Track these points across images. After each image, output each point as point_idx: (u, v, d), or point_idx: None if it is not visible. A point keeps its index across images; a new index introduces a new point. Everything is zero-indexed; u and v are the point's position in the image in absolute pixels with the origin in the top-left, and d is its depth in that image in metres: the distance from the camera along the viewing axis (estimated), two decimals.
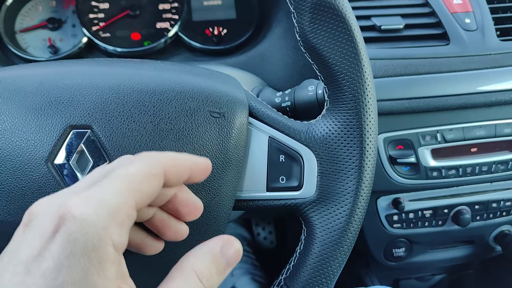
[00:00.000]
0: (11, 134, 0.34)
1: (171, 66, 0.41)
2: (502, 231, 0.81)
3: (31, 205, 0.34)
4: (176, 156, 0.31)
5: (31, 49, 0.75)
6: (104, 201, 0.25)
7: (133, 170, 0.27)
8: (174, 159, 0.30)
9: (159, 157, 0.29)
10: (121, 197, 0.25)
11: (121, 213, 0.25)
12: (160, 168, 0.28)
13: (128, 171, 0.27)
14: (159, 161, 0.29)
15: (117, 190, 0.26)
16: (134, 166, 0.27)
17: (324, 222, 0.39)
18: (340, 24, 0.37)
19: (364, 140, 0.39)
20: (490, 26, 0.69)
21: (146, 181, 0.27)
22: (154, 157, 0.29)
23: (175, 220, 0.33)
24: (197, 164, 0.32)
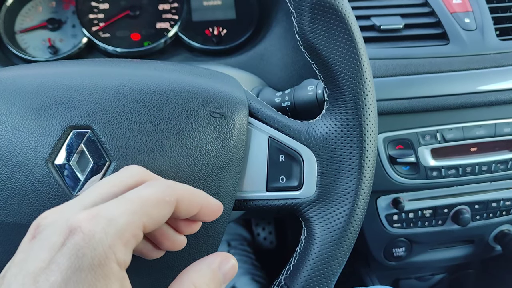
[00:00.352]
0: (11, 135, 0.34)
1: (171, 66, 0.41)
2: (502, 231, 0.81)
3: (31, 206, 0.34)
4: (191, 189, 0.32)
5: (31, 49, 0.75)
6: (113, 219, 0.25)
7: (147, 194, 0.28)
8: (188, 192, 0.31)
9: (174, 186, 0.30)
10: (129, 218, 0.26)
11: (127, 232, 0.26)
12: (173, 197, 0.29)
13: (141, 194, 0.28)
14: (173, 190, 0.29)
15: (127, 210, 0.26)
16: (148, 190, 0.28)
17: (324, 222, 0.39)
18: (340, 24, 0.38)
19: (364, 140, 0.39)
20: (490, 25, 0.69)
21: (157, 207, 0.28)
22: (170, 185, 0.30)
23: (173, 231, 0.33)
24: (209, 204, 0.33)
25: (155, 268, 0.37)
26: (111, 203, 0.27)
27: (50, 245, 0.25)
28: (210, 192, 0.37)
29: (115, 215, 0.26)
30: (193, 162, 0.37)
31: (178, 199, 0.29)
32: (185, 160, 0.36)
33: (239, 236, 1.17)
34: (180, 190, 0.30)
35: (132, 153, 0.35)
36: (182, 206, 0.30)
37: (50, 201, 0.34)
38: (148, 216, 0.27)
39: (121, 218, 0.26)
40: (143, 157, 0.35)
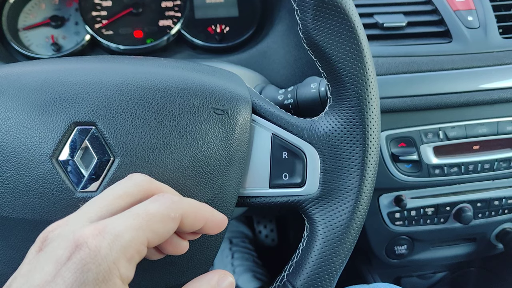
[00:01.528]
0: (16, 131, 0.35)
1: (175, 63, 0.41)
2: (504, 229, 0.81)
3: (35, 202, 0.35)
4: (196, 205, 0.32)
5: (34, 46, 0.75)
6: (118, 235, 0.26)
7: (152, 211, 0.28)
8: (194, 208, 0.31)
9: (180, 202, 0.30)
10: (134, 234, 0.27)
11: (132, 248, 0.26)
12: (179, 213, 0.30)
13: (147, 209, 0.28)
14: (179, 206, 0.30)
15: (133, 226, 0.27)
16: (154, 206, 0.29)
17: (326, 219, 0.39)
18: (343, 21, 0.38)
19: (367, 137, 0.39)
20: (493, 23, 0.69)
21: (162, 223, 0.28)
22: (176, 200, 0.30)
23: (177, 238, 0.34)
24: (214, 218, 0.33)
25: (158, 264, 0.37)
26: (117, 218, 0.27)
27: (56, 258, 0.25)
28: (213, 189, 0.37)
29: (121, 231, 0.26)
30: (196, 159, 0.37)
31: (183, 215, 0.30)
32: (189, 157, 0.37)
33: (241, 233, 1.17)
34: (186, 205, 0.30)
35: (136, 150, 0.35)
36: (187, 222, 0.30)
37: (54, 197, 0.35)
38: (153, 232, 0.28)
39: (126, 234, 0.26)
40: (147, 153, 0.36)
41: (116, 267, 0.25)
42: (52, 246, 0.26)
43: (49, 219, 0.35)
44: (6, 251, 0.36)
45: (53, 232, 0.27)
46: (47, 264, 0.25)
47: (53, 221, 0.29)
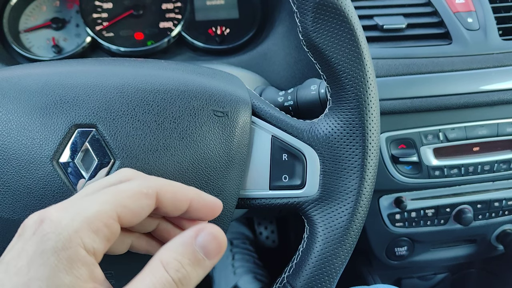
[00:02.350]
0: (17, 133, 0.35)
1: (175, 65, 0.41)
2: (504, 230, 0.81)
3: (36, 203, 0.35)
4: (177, 184, 0.31)
5: (35, 48, 0.75)
6: (82, 209, 0.26)
7: (123, 187, 0.28)
8: (172, 186, 0.30)
9: (155, 180, 0.30)
10: (100, 207, 0.27)
11: (97, 220, 0.26)
12: (152, 189, 0.29)
13: (117, 187, 0.28)
14: (153, 184, 0.29)
15: (99, 200, 0.27)
16: (125, 184, 0.29)
17: (326, 221, 0.39)
18: (343, 23, 0.38)
19: (367, 139, 0.39)
20: (493, 25, 0.69)
21: (133, 198, 0.28)
22: (151, 179, 0.30)
23: (178, 230, 0.34)
24: (202, 199, 0.32)
25: None
26: (86, 197, 0.28)
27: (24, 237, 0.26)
28: (213, 191, 0.38)
29: (86, 206, 0.26)
30: (196, 161, 0.37)
31: (158, 192, 0.29)
32: (189, 159, 0.37)
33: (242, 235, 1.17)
34: (162, 184, 0.30)
35: (136, 152, 0.36)
36: (166, 200, 0.30)
37: (54, 198, 0.35)
38: (124, 207, 0.27)
39: (91, 207, 0.26)
40: (147, 155, 0.36)
41: (78, 237, 0.25)
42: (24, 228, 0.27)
43: None
44: None
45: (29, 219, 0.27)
46: (17, 243, 0.26)
47: None
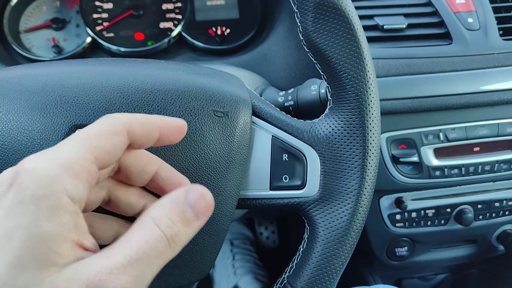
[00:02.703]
0: (17, 133, 0.35)
1: (175, 65, 0.41)
2: (504, 231, 0.81)
3: None
4: (142, 116, 0.30)
5: (35, 49, 0.75)
6: (58, 154, 0.25)
7: (91, 129, 0.27)
8: (139, 119, 0.30)
9: (120, 116, 0.29)
10: (76, 151, 0.26)
11: (76, 164, 0.25)
12: (120, 125, 0.28)
13: (86, 130, 0.27)
14: (119, 119, 0.29)
15: (73, 145, 0.26)
16: (93, 126, 0.28)
17: (327, 221, 0.39)
18: (343, 23, 0.38)
19: (367, 139, 0.39)
20: (493, 25, 0.69)
21: (105, 137, 0.27)
22: (116, 116, 0.29)
23: None
24: (169, 123, 0.31)
25: None
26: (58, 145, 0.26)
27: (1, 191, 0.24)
28: (214, 191, 0.38)
29: (60, 151, 0.25)
30: (196, 161, 0.37)
31: (129, 128, 0.29)
32: (189, 159, 0.37)
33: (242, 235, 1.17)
34: (128, 118, 0.29)
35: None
36: (137, 132, 0.29)
37: None
38: (97, 148, 0.26)
39: (67, 153, 0.25)
40: None
41: (59, 183, 0.24)
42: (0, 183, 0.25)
43: None
44: None
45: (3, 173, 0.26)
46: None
47: None
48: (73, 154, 0.25)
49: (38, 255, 0.22)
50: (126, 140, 0.29)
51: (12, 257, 0.22)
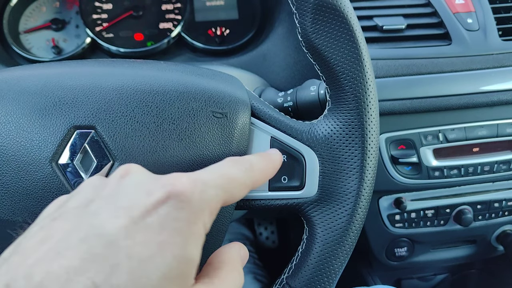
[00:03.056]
0: (16, 134, 0.35)
1: (174, 66, 0.41)
2: (504, 231, 0.81)
3: (35, 205, 0.35)
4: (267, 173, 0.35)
5: (35, 49, 0.75)
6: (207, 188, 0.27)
7: (233, 175, 0.30)
8: (263, 177, 0.34)
9: (253, 170, 0.33)
10: (219, 191, 0.28)
11: (214, 203, 0.28)
12: (251, 182, 0.32)
13: (229, 173, 0.30)
14: (252, 175, 0.32)
15: (217, 184, 0.28)
16: (234, 171, 0.31)
17: (326, 222, 0.39)
18: (342, 24, 0.38)
19: (366, 140, 0.39)
20: (492, 26, 0.69)
21: (239, 188, 0.31)
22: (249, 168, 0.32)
23: None
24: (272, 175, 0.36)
25: None
26: (206, 173, 0.29)
27: (147, 190, 0.26)
28: None
29: (209, 185, 0.28)
30: (195, 162, 0.37)
31: (253, 183, 0.32)
32: (188, 160, 0.37)
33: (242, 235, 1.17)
34: (257, 175, 0.33)
35: (135, 153, 0.36)
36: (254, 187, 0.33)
37: (53, 200, 0.35)
38: (230, 194, 0.30)
39: (212, 189, 0.28)
40: (146, 156, 0.36)
41: (203, 215, 0.26)
42: (138, 177, 0.28)
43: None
44: None
45: (131, 166, 0.29)
46: (135, 192, 0.26)
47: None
48: (216, 192, 0.28)
49: (182, 275, 0.24)
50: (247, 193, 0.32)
51: (164, 270, 0.23)
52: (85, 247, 0.23)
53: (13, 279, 0.22)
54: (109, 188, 0.27)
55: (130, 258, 0.23)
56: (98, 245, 0.23)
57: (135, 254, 0.23)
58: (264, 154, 0.37)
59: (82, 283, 0.21)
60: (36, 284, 0.21)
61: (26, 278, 0.22)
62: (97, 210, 0.25)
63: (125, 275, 0.22)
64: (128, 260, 0.23)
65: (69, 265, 0.22)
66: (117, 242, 0.23)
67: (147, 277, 0.23)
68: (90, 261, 0.22)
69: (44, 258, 0.22)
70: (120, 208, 0.25)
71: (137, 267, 0.23)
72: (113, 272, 0.22)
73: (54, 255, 0.22)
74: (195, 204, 0.26)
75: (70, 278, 0.21)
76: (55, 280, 0.21)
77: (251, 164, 0.33)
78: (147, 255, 0.23)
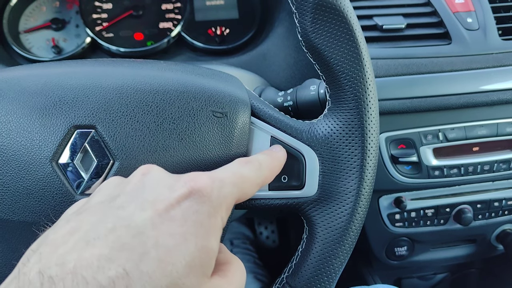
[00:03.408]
0: (16, 134, 0.35)
1: (174, 66, 0.42)
2: (504, 230, 0.82)
3: (35, 204, 0.35)
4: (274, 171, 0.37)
5: (35, 49, 0.75)
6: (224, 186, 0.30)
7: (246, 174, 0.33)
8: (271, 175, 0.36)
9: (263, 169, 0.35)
10: (234, 189, 0.30)
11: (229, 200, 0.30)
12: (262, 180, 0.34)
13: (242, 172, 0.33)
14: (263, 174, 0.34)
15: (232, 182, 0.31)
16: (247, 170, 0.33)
17: (325, 221, 0.40)
18: (342, 24, 0.38)
19: (366, 140, 0.39)
20: (492, 25, 0.69)
21: (251, 186, 0.33)
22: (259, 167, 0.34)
23: None
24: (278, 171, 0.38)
25: None
26: (222, 172, 0.31)
27: (169, 186, 0.28)
28: None
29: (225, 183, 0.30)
30: (195, 161, 0.37)
31: (263, 181, 0.35)
32: (188, 159, 0.37)
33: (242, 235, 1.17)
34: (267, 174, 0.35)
35: (136, 153, 0.36)
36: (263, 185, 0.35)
37: (54, 199, 0.35)
38: (243, 192, 0.32)
39: (228, 187, 0.30)
40: (146, 156, 0.36)
41: (221, 209, 0.29)
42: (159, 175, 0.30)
43: (49, 222, 0.35)
44: (7, 254, 0.36)
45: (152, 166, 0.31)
46: (158, 187, 0.28)
47: (53, 223, 0.29)
48: (231, 190, 0.30)
49: (203, 264, 0.26)
50: None
51: (188, 258, 0.25)
52: (113, 237, 0.24)
53: (46, 266, 0.23)
54: (133, 184, 0.29)
55: (158, 247, 0.24)
56: (127, 235, 0.24)
57: (162, 244, 0.25)
58: (269, 152, 0.38)
59: (114, 270, 0.23)
60: (69, 271, 0.22)
61: (59, 265, 0.23)
62: (123, 203, 0.27)
63: (153, 263, 0.24)
64: (156, 249, 0.24)
65: (100, 253, 0.23)
66: (145, 232, 0.25)
67: (173, 264, 0.24)
68: (119, 249, 0.24)
69: (75, 247, 0.24)
70: (145, 202, 0.27)
71: (164, 256, 0.24)
72: (142, 260, 0.24)
73: (85, 244, 0.24)
74: (214, 199, 0.28)
75: (102, 265, 0.23)
76: (87, 266, 0.23)
77: (260, 163, 0.34)
78: (173, 244, 0.25)
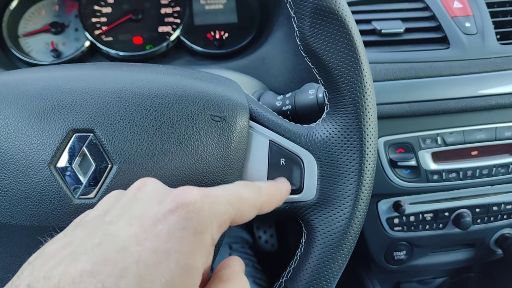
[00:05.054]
0: (14, 138, 0.35)
1: (173, 70, 0.42)
2: (503, 234, 0.81)
3: (34, 208, 0.35)
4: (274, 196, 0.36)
5: (34, 53, 0.75)
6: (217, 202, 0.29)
7: (244, 195, 0.32)
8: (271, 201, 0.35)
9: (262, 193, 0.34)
10: (228, 207, 0.30)
11: (223, 217, 0.29)
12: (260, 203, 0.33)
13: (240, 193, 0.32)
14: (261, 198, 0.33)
15: (228, 200, 0.30)
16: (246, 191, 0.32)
17: (324, 225, 0.39)
18: (340, 28, 0.38)
19: (364, 144, 0.39)
20: (490, 30, 0.70)
21: (249, 208, 0.32)
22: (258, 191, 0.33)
23: None
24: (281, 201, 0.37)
25: None
26: (218, 190, 0.30)
27: (159, 201, 0.28)
28: None
29: (219, 200, 0.29)
30: (194, 166, 0.37)
31: (262, 206, 0.33)
32: (186, 164, 0.37)
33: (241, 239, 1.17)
34: (264, 199, 0.34)
35: (134, 157, 0.36)
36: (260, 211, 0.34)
37: (52, 203, 0.35)
38: (240, 213, 0.31)
39: (222, 204, 0.29)
40: (145, 160, 0.36)
41: (211, 226, 0.27)
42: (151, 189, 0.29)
43: (47, 226, 0.35)
44: (5, 258, 0.36)
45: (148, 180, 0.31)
46: (148, 203, 0.28)
47: (51, 227, 0.29)
48: (225, 207, 0.29)
49: (184, 282, 0.25)
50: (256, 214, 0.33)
51: (168, 276, 0.24)
52: (99, 252, 0.24)
53: (35, 280, 0.24)
54: (126, 199, 0.29)
55: (138, 263, 0.24)
56: (111, 251, 0.24)
57: (143, 260, 0.24)
58: (272, 181, 0.38)
59: (93, 285, 0.23)
60: (53, 285, 0.23)
61: (45, 279, 0.23)
62: (112, 219, 0.27)
63: (133, 279, 0.23)
64: (136, 265, 0.24)
65: (83, 268, 0.23)
66: (128, 248, 0.25)
67: (152, 281, 0.24)
68: (102, 265, 0.24)
69: (63, 261, 0.24)
70: (132, 217, 0.27)
71: (144, 272, 0.24)
72: (122, 276, 0.23)
73: (72, 259, 0.24)
74: (204, 215, 0.27)
75: (84, 280, 0.23)
76: (70, 281, 0.23)
77: (259, 188, 0.34)
78: (154, 261, 0.24)
